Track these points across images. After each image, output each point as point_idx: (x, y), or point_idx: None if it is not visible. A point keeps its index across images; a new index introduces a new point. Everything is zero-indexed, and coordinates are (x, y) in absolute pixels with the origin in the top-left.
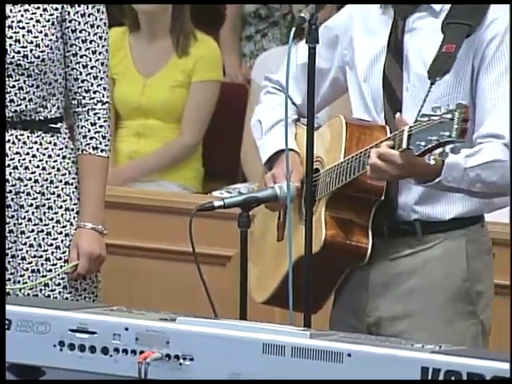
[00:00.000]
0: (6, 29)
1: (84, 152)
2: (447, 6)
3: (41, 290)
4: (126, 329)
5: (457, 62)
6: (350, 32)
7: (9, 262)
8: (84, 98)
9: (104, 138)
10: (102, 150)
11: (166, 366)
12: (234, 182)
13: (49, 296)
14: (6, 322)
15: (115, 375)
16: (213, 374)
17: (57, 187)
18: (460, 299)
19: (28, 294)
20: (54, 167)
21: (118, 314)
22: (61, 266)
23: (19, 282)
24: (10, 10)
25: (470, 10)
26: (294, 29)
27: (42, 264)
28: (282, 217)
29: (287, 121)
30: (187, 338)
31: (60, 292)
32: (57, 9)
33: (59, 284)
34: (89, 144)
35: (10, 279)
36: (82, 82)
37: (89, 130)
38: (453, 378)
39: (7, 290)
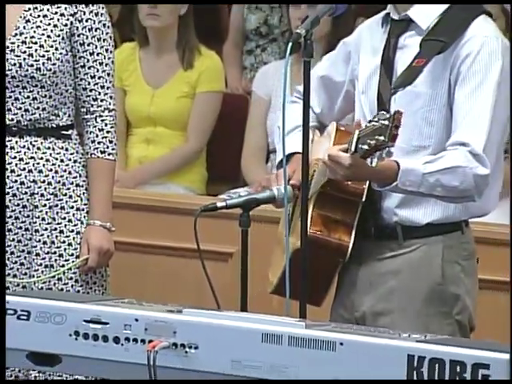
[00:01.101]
0: (20, 44)
1: (93, 156)
2: (433, 25)
3: (54, 284)
4: (136, 320)
5: (436, 78)
6: (359, 49)
7: (24, 257)
8: (92, 105)
9: (111, 142)
10: (109, 154)
11: (172, 354)
12: (235, 184)
13: (62, 289)
14: (26, 313)
15: (126, 362)
16: (216, 361)
17: (68, 189)
18: (435, 301)
19: (42, 288)
20: (65, 170)
21: (128, 306)
22: (72, 262)
23: (33, 276)
24: (24, 27)
25: (450, 28)
26: (290, 44)
27: (56, 260)
28: (290, 215)
29: (284, 128)
30: (192, 328)
31: (72, 285)
32: (66, 24)
33: (71, 278)
34: (97, 148)
35: (26, 273)
36: (91, 91)
37: (97, 136)
38: (436, 365)
39: (23, 284)
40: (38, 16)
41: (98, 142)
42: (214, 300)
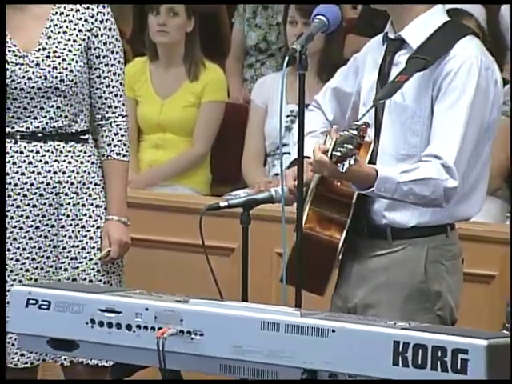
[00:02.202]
0: (45, 59)
1: (109, 157)
2: (421, 44)
3: (78, 274)
4: (147, 309)
5: (421, 93)
6: (364, 64)
7: (51, 251)
8: (107, 112)
9: (125, 145)
10: (123, 156)
11: (180, 340)
12: (236, 185)
13: (85, 279)
14: (46, 303)
15: (137, 348)
16: (219, 347)
17: (88, 188)
18: (418, 297)
19: (68, 278)
20: (85, 171)
21: (139, 297)
22: (94, 254)
23: (60, 267)
24: (46, 43)
25: (435, 47)
26: (287, 58)
27: (79, 252)
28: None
29: (281, 136)
30: (198, 317)
31: (94, 275)
32: (84, 39)
33: (93, 268)
34: (113, 151)
35: (52, 266)
36: (106, 99)
37: (112, 139)
38: (420, 351)
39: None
40: (59, 32)
41: (114, 145)
42: (217, 291)
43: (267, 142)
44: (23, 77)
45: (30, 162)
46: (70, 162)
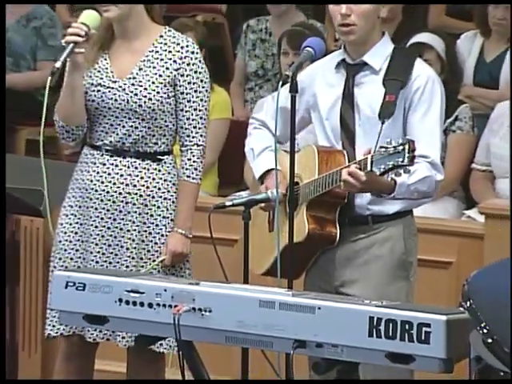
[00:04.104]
0: (131, 86)
1: (181, 179)
2: (385, 66)
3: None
4: (165, 290)
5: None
6: (313, 85)
7: (118, 250)
8: (186, 140)
9: (196, 169)
10: (193, 178)
11: (192, 316)
12: (239, 188)
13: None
14: (82, 285)
15: (157, 322)
16: (224, 321)
17: (157, 201)
18: (399, 267)
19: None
20: (155, 186)
21: (159, 280)
22: (157, 256)
23: (122, 264)
24: (137, 74)
25: (401, 68)
26: (281, 82)
27: (145, 254)
28: (271, 215)
29: (276, 147)
30: (207, 296)
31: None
32: (169, 76)
33: (155, 268)
34: (184, 173)
35: (118, 262)
36: (185, 129)
37: (186, 163)
38: (390, 324)
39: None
40: (149, 67)
41: (186, 169)
42: (223, 275)
43: None
44: (111, 98)
45: (109, 174)
46: (142, 178)
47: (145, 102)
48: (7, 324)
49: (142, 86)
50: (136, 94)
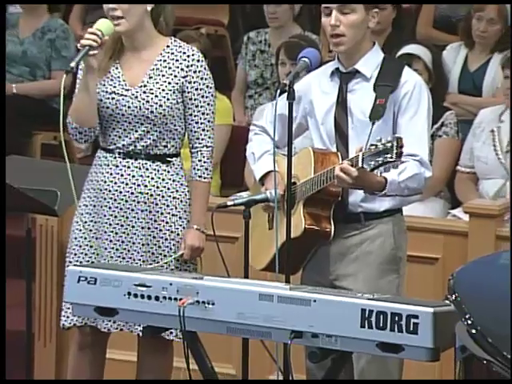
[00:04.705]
0: (142, 93)
1: (193, 179)
2: (375, 73)
3: (163, 265)
4: (171, 284)
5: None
6: (309, 94)
7: (127, 244)
8: (195, 143)
9: (206, 169)
10: (204, 178)
11: (196, 308)
12: (240, 189)
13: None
14: (93, 279)
15: (163, 314)
16: (226, 313)
17: (166, 200)
18: (389, 261)
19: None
20: (164, 186)
21: (165, 274)
22: (167, 252)
23: (134, 259)
24: (147, 82)
25: (390, 75)
26: (278, 91)
27: (156, 249)
28: (270, 214)
29: (275, 152)
30: (210, 290)
31: (174, 267)
32: (177, 83)
33: (169, 265)
34: (196, 174)
35: (123, 258)
36: (195, 132)
37: (196, 164)
38: (381, 316)
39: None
40: (158, 75)
41: (198, 170)
42: (225, 270)
43: None
44: (124, 105)
45: (122, 175)
46: (152, 178)
47: (156, 109)
48: (24, 316)
49: (152, 93)
50: (148, 101)
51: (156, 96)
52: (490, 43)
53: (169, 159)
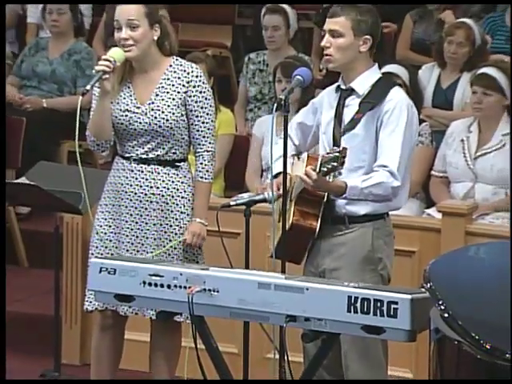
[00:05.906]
0: (151, 110)
1: (196, 179)
2: (367, 91)
3: (164, 256)
4: (181, 274)
5: (368, 125)
6: (321, 106)
7: (137, 236)
8: (197, 148)
9: (207, 171)
10: (205, 179)
11: (203, 295)
12: (241, 191)
13: (169, 254)
14: (113, 270)
15: (174, 300)
16: (229, 299)
17: (176, 199)
18: (367, 261)
19: (159, 253)
20: (174, 188)
21: (176, 266)
22: (177, 245)
23: (148, 252)
24: (155, 99)
25: (377, 94)
26: (275, 105)
27: (167, 243)
28: (281, 209)
29: (272, 157)
30: (215, 279)
31: (176, 254)
32: (180, 98)
33: (176, 254)
34: (198, 175)
35: (138, 251)
36: (196, 139)
37: (198, 167)
38: (365, 302)
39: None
40: (163, 92)
41: (200, 171)
42: (228, 262)
43: (263, 161)
44: (136, 121)
45: (136, 178)
46: (163, 181)
47: (163, 123)
48: (53, 302)
49: (159, 109)
50: (155, 117)
51: (162, 112)
52: (459, 64)
53: (177, 164)
